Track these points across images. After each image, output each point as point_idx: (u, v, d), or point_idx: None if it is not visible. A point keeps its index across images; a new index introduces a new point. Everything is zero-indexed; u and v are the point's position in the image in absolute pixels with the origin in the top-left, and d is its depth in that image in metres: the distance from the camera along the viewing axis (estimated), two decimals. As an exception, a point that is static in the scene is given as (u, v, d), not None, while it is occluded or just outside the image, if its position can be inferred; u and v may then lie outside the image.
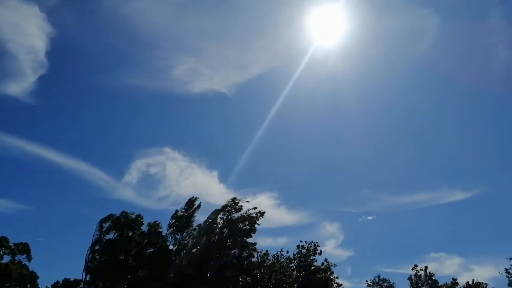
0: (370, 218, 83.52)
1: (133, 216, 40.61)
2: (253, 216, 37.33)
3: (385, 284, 41.96)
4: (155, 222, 40.52)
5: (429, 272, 40.36)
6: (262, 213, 37.94)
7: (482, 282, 39.76)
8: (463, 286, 40.33)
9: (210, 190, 74.51)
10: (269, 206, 74.80)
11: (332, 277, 37.32)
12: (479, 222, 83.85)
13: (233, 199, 38.95)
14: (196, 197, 40.79)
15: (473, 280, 40.14)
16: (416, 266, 41.11)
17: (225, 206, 38.36)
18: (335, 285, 37.03)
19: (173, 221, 39.31)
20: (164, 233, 39.56)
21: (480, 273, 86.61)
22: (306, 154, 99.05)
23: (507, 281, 39.30)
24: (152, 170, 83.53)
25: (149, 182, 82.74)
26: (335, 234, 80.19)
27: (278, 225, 79.89)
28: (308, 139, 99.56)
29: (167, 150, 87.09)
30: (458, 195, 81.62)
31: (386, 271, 75.06)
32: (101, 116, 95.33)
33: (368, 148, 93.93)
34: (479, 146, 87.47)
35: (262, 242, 53.71)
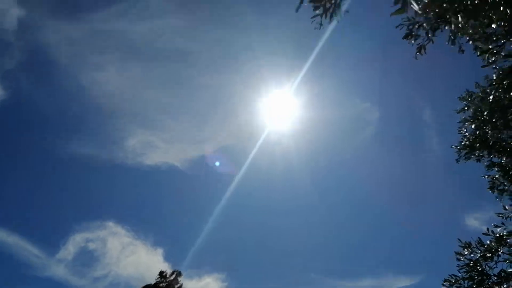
0: None
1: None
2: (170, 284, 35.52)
3: None
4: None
5: None
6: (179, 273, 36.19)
7: None
8: None
9: (154, 269, 69.34)
10: None
11: None
12: None
13: (161, 273, 36.86)
14: None
15: None
16: None
17: (156, 284, 36.23)
18: None
19: None
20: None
21: None
22: (257, 236, 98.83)
23: None
24: (91, 246, 76.85)
25: (86, 259, 75.66)
26: None
27: None
28: (259, 221, 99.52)
29: (110, 224, 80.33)
30: (402, 282, 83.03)
31: None
32: (43, 184, 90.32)
33: (317, 233, 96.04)
34: (418, 235, 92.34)
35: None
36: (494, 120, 9.47)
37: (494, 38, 7.77)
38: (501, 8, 5.97)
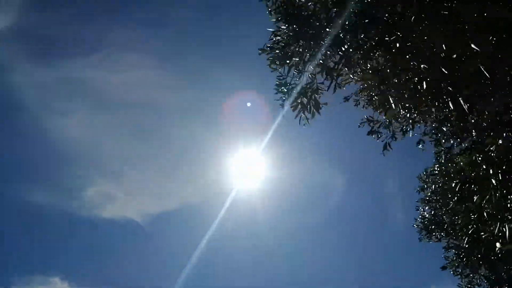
0: None
1: None
2: None
3: None
4: None
5: None
6: None
7: None
8: None
9: None
10: None
11: None
12: None
13: None
14: None
15: None
16: None
17: None
18: None
19: None
20: None
21: None
22: None
23: None
24: None
25: None
26: None
27: None
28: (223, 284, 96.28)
29: (56, 280, 73.86)
30: None
31: None
32: None
33: None
34: None
35: None
36: (447, 204, 9.86)
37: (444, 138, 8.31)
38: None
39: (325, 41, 6.62)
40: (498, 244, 7.15)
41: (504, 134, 6.02)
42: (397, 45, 5.98)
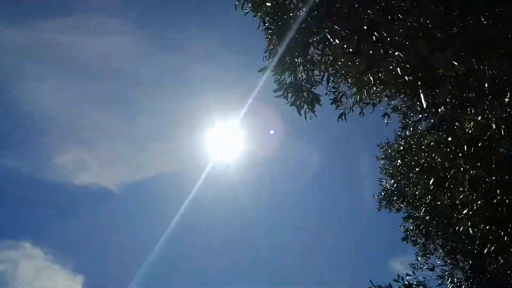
0: None
1: None
2: None
3: None
4: None
5: None
6: None
7: None
8: None
9: None
10: None
11: None
12: None
13: None
14: None
15: None
16: None
17: None
18: None
19: None
20: None
21: None
22: (192, 268, 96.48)
23: None
24: (1, 267, 67.95)
25: None
26: None
27: None
28: (195, 251, 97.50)
29: (26, 245, 72.09)
30: None
31: None
32: None
33: (252, 265, 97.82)
34: (344, 279, 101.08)
35: None
36: (410, 177, 10.40)
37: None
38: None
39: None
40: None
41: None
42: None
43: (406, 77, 6.22)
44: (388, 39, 6.05)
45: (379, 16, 6.07)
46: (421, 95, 6.31)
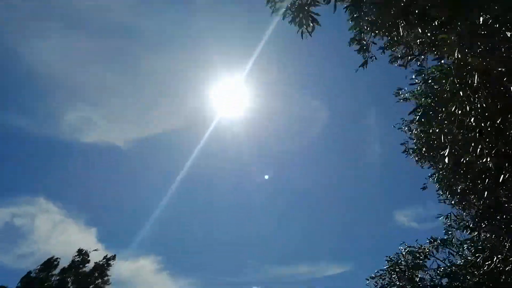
0: None
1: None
2: (103, 265, 35.30)
3: None
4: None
5: None
6: (113, 257, 35.66)
7: None
8: None
9: (86, 249, 67.33)
10: (152, 271, 72.53)
11: None
12: None
13: (79, 251, 35.55)
14: (56, 258, 35.47)
15: None
16: None
17: (73, 261, 35.26)
18: None
19: (20, 284, 33.36)
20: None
21: None
22: (198, 220, 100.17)
23: None
24: (18, 222, 71.04)
25: (11, 235, 69.71)
26: None
27: None
28: (202, 207, 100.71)
29: (41, 200, 74.80)
30: (334, 270, 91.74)
31: None
32: None
33: (257, 221, 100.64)
34: (351, 229, 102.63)
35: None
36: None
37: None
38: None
39: None
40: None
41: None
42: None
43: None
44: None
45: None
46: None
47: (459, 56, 6.62)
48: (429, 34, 7.65)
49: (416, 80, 10.19)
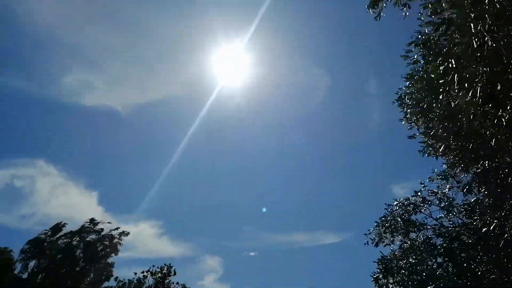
0: (252, 254, 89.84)
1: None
2: (115, 236, 36.02)
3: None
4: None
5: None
6: (126, 233, 36.70)
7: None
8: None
9: (86, 212, 68.81)
10: (152, 235, 74.59)
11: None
12: (346, 262, 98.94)
13: (92, 220, 36.46)
14: (64, 223, 36.32)
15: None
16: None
17: (83, 227, 35.91)
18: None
19: (28, 246, 34.71)
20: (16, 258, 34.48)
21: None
22: (198, 187, 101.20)
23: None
24: (18, 183, 70.64)
25: (12, 196, 69.67)
26: (215, 269, 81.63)
27: (159, 256, 77.04)
28: (202, 172, 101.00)
29: (41, 162, 73.67)
30: (331, 239, 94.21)
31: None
32: None
33: (255, 188, 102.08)
34: (349, 199, 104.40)
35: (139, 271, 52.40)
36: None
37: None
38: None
39: None
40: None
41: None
42: None
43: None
44: None
45: None
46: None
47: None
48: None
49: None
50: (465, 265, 11.58)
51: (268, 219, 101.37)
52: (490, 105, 7.76)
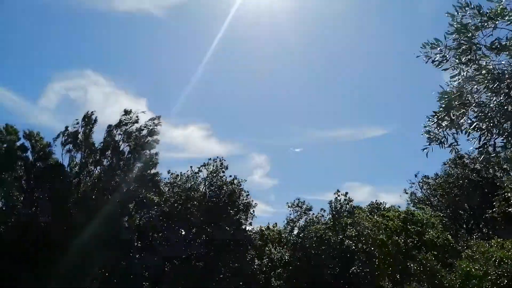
0: (297, 150, 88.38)
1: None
2: (152, 127, 35.51)
3: (304, 206, 43.06)
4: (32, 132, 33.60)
5: (348, 197, 41.12)
6: (158, 117, 36.04)
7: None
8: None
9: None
10: (200, 137, 77.42)
11: (239, 189, 37.16)
12: (391, 156, 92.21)
13: (126, 111, 35.56)
14: (92, 111, 35.13)
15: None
16: (338, 191, 40.67)
17: (120, 121, 35.20)
18: (243, 195, 37.35)
19: (66, 138, 34.37)
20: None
21: (386, 199, 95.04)
22: (240, 87, 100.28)
23: (405, 203, 44.77)
24: (72, 94, 73.63)
25: (68, 107, 72.14)
26: (262, 165, 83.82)
27: (209, 156, 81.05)
28: (243, 72, 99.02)
29: (89, 73, 78.33)
30: (376, 132, 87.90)
31: (308, 198, 74.91)
32: (16, 32, 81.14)
33: (298, 86, 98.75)
34: (395, 89, 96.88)
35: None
36: None
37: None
38: None
39: None
40: None
41: None
42: None
43: None
44: None
45: None
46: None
47: None
48: None
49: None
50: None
51: (313, 116, 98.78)
52: None
